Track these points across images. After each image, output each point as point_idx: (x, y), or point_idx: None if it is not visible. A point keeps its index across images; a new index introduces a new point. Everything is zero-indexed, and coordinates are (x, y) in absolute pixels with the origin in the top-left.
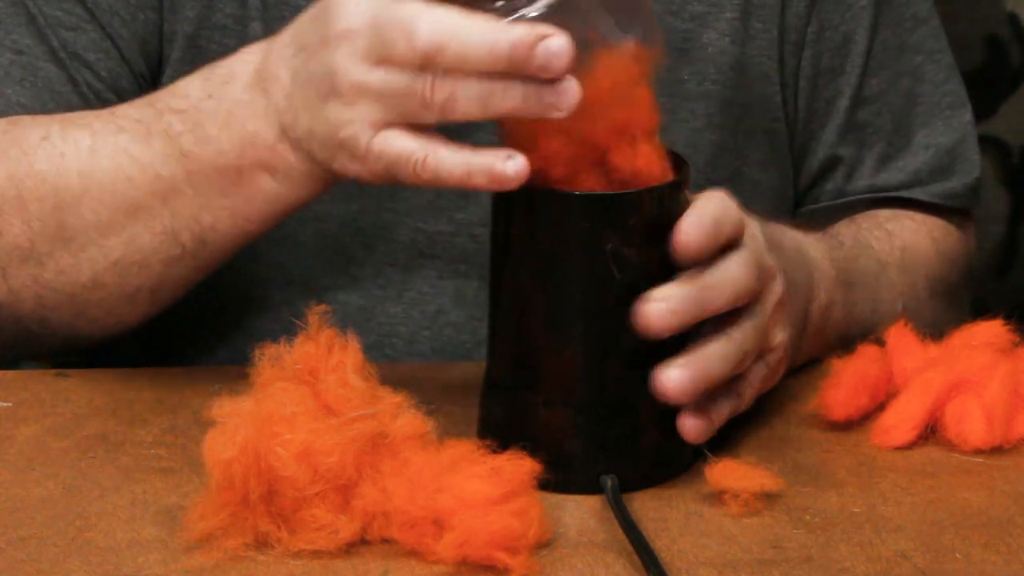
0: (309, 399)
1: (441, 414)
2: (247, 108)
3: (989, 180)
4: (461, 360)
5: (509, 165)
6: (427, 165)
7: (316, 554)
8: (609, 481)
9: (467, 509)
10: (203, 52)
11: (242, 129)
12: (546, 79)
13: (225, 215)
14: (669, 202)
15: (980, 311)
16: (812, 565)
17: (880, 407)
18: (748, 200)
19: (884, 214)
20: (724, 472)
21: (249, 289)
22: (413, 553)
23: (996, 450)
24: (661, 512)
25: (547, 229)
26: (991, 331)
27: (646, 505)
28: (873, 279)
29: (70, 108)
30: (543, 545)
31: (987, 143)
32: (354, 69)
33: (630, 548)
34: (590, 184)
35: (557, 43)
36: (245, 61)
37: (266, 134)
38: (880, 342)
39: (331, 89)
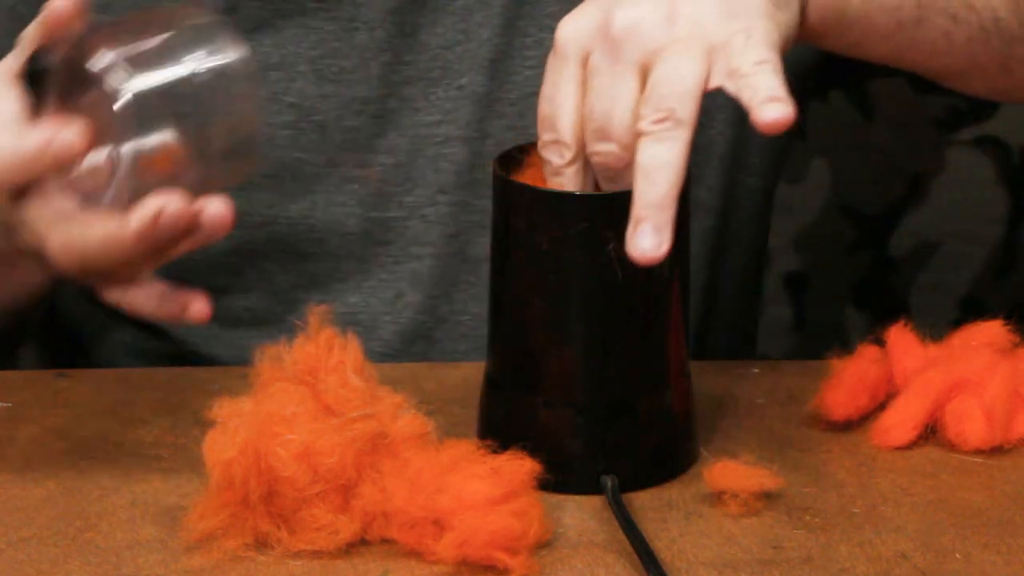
0: (309, 399)
1: (441, 414)
2: None
3: (989, 180)
4: (421, 341)
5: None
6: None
7: (316, 554)
8: (609, 481)
9: (467, 509)
10: None
11: None
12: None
13: None
14: None
15: (980, 311)
16: (812, 565)
17: (880, 407)
18: None
19: None
20: (724, 472)
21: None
22: (413, 553)
23: (996, 450)
24: (661, 512)
25: (547, 229)
26: (991, 331)
27: (646, 505)
28: None
29: None
30: (543, 545)
31: (987, 143)
32: None
33: (630, 548)
34: None
35: (172, 208)
36: None
37: None
38: (880, 342)
39: None
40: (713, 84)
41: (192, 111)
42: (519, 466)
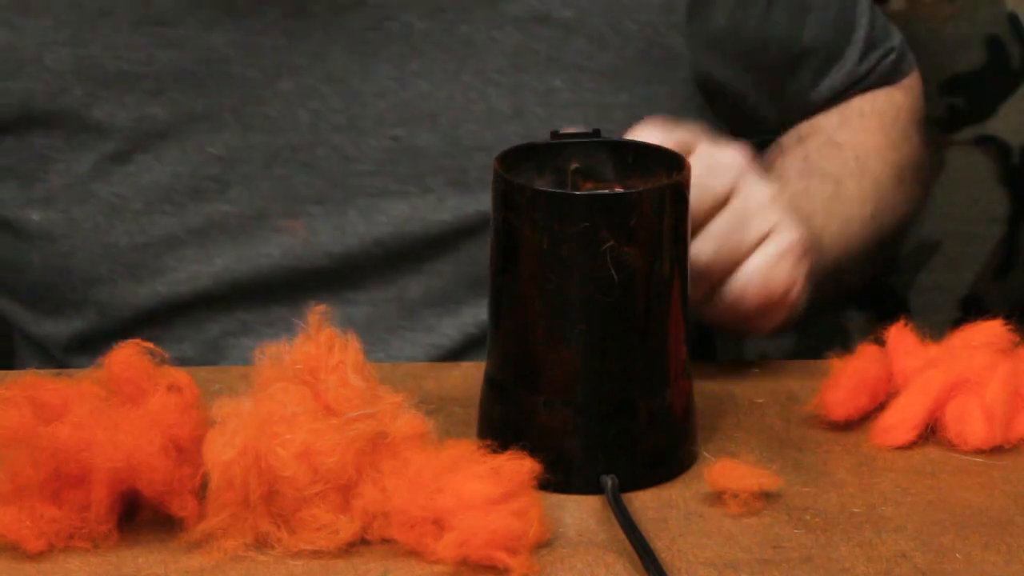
0: (309, 399)
1: (441, 414)
2: None
3: (989, 180)
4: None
5: None
6: None
7: (316, 554)
8: (609, 481)
9: (467, 509)
10: None
11: None
12: None
13: None
14: (669, 202)
15: (980, 311)
16: (812, 565)
17: (880, 407)
18: None
19: (832, 122)
20: (724, 472)
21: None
22: (413, 553)
23: (996, 450)
24: (661, 512)
25: (547, 229)
26: (991, 331)
27: (646, 505)
28: (830, 201)
29: None
30: (543, 545)
31: (987, 143)
32: None
33: (630, 548)
34: None
35: None
36: None
37: None
38: (880, 342)
39: None
40: None
41: None
42: (519, 466)
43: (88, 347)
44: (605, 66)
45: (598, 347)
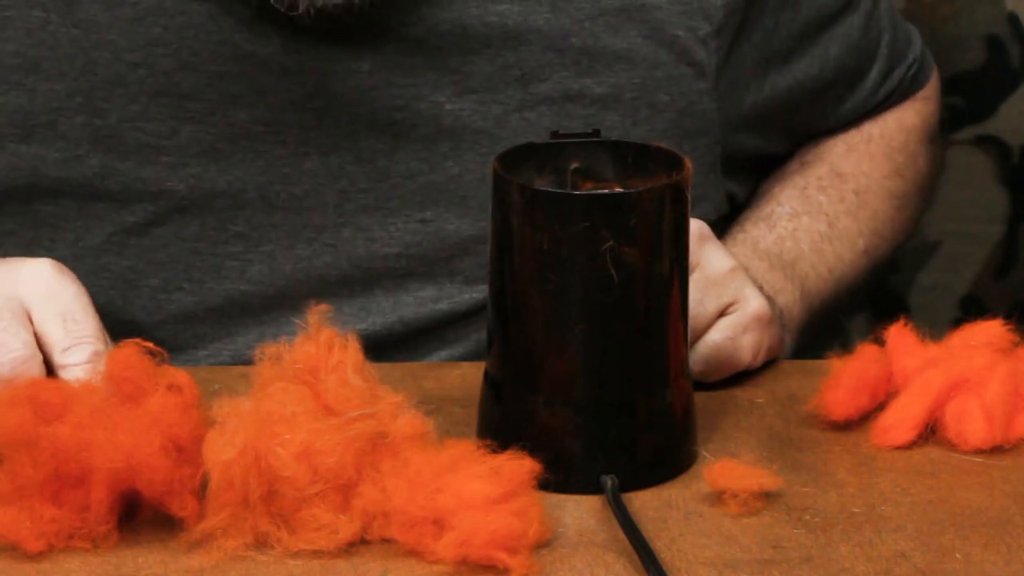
0: (309, 399)
1: (441, 414)
2: None
3: (989, 180)
4: None
5: None
6: None
7: (316, 554)
8: (609, 481)
9: (467, 509)
10: None
11: None
12: None
13: None
14: (669, 202)
15: (980, 311)
16: (812, 565)
17: (880, 407)
18: None
19: (838, 150)
20: (724, 472)
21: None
22: (413, 553)
23: (996, 450)
24: (661, 512)
25: (547, 229)
26: (991, 331)
27: (646, 505)
28: (821, 241)
29: None
30: (543, 545)
31: (987, 143)
32: None
33: (630, 548)
34: None
35: None
36: None
37: None
38: (880, 342)
39: None
40: None
41: None
42: (519, 466)
43: None
44: (637, 140)
45: (598, 347)
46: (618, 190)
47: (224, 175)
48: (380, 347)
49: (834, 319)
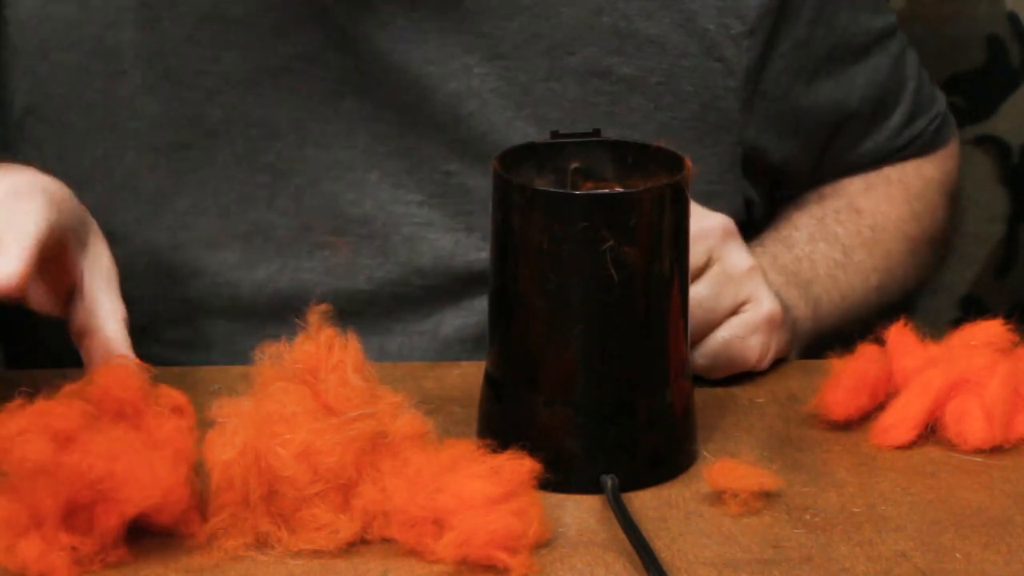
0: (309, 399)
1: (441, 414)
2: None
3: (989, 180)
4: None
5: None
6: None
7: (316, 554)
8: (609, 481)
9: (467, 509)
10: None
11: None
12: None
13: None
14: (669, 202)
15: (980, 311)
16: (812, 565)
17: (880, 407)
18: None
19: (857, 187)
20: (724, 472)
21: (170, 355)
22: (413, 553)
23: (996, 450)
24: (661, 512)
25: (547, 229)
26: (991, 331)
27: (646, 505)
28: (835, 268)
29: None
30: (543, 545)
31: (987, 143)
32: None
33: (630, 548)
34: None
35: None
36: None
37: None
38: (880, 342)
39: None
40: None
41: None
42: (519, 465)
43: None
44: (660, 125)
45: (598, 347)
46: (618, 190)
47: (260, 106)
48: (396, 299)
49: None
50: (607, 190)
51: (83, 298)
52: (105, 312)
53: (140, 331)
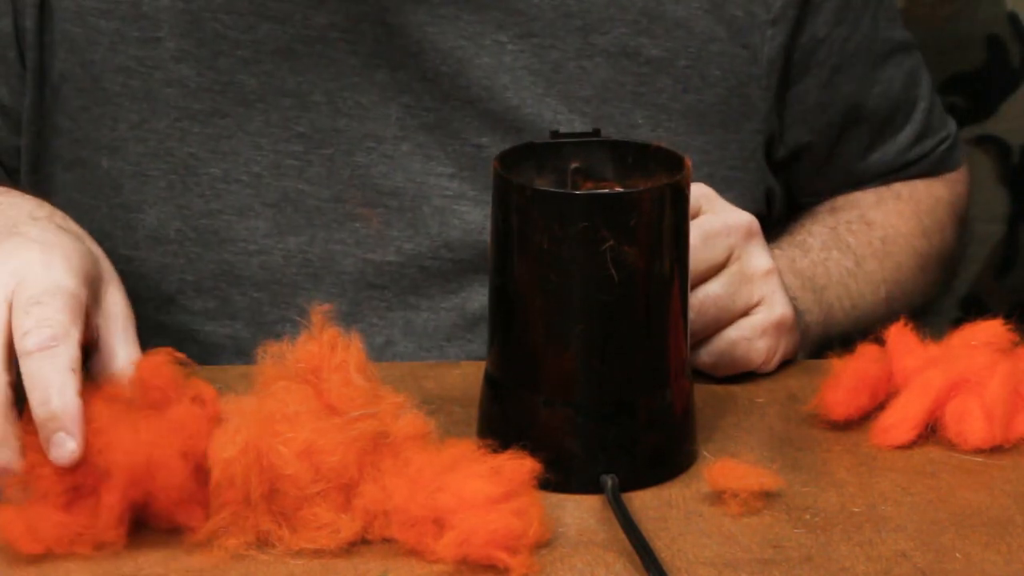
0: (311, 398)
1: (441, 414)
2: None
3: (989, 180)
4: None
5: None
6: None
7: (317, 553)
8: (609, 481)
9: (467, 508)
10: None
11: None
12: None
13: None
14: (669, 202)
15: (980, 311)
16: (812, 565)
17: (880, 407)
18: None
19: (868, 200)
20: (724, 472)
21: (195, 325)
22: (413, 552)
23: (996, 450)
24: (661, 512)
25: (547, 229)
26: (991, 331)
27: (646, 505)
28: (847, 276)
29: None
30: (543, 545)
31: (987, 143)
32: None
33: (630, 548)
34: None
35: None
36: None
37: None
38: (880, 342)
39: None
40: None
41: None
42: (519, 465)
43: (141, 305)
44: (686, 107)
45: (598, 347)
46: (618, 190)
47: (294, 76)
48: (425, 272)
49: None
50: (607, 190)
51: (100, 350)
52: (121, 361)
53: (168, 300)
